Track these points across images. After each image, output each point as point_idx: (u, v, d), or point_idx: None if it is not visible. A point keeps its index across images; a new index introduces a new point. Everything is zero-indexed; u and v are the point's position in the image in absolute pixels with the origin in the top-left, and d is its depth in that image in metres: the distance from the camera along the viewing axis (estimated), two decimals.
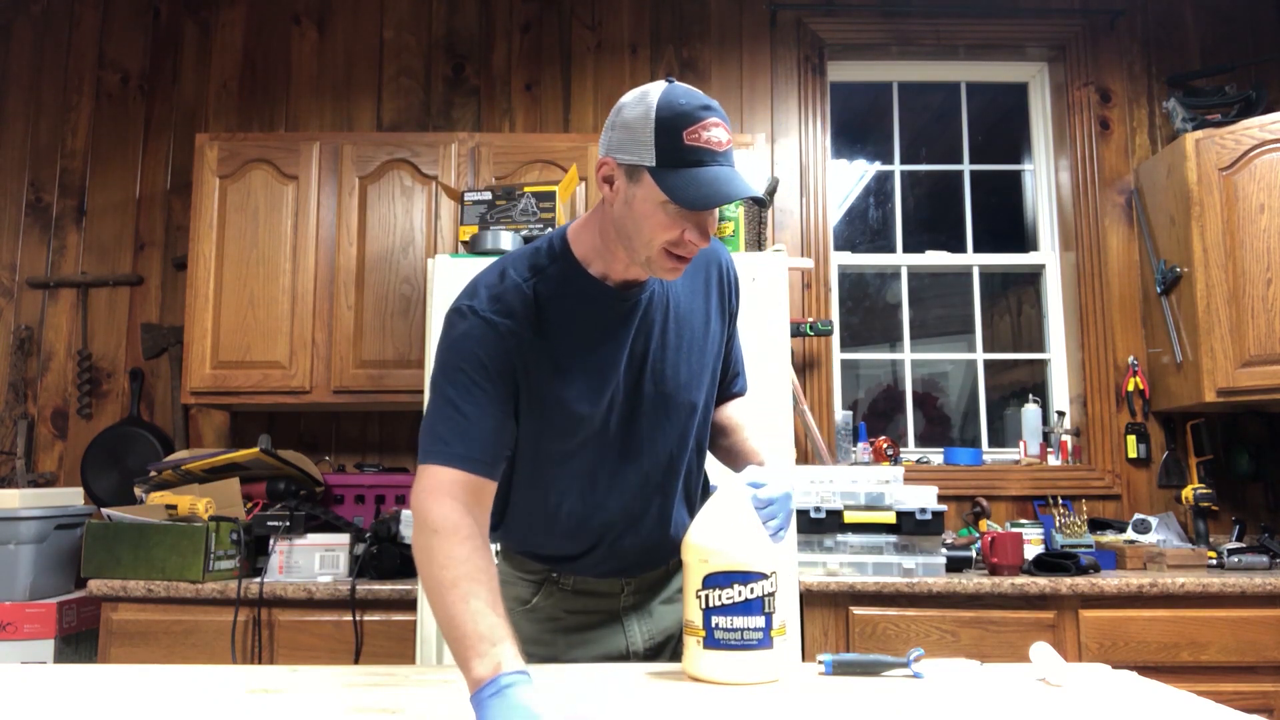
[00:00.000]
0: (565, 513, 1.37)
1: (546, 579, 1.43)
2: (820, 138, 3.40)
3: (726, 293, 1.45)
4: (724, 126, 1.21)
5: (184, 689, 1.21)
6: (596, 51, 3.45)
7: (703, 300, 1.41)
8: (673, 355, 1.36)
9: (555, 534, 1.40)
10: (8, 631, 2.53)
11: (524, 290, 1.28)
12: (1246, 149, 2.89)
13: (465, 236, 2.61)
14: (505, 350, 1.25)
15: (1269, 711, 2.38)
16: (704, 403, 1.42)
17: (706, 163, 1.18)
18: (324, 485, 2.93)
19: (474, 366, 1.24)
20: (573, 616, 1.43)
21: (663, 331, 1.35)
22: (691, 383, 1.38)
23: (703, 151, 1.18)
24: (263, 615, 2.49)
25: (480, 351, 1.24)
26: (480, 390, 1.23)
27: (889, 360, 3.53)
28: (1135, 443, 3.19)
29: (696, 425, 1.42)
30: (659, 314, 1.35)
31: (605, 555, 1.40)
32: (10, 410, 3.27)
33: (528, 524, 1.41)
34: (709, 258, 1.42)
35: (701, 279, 1.41)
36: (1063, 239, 3.44)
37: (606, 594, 1.43)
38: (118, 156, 3.42)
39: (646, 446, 1.36)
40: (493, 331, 1.25)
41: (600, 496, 1.36)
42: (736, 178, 1.20)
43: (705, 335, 1.40)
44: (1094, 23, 3.44)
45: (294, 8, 3.47)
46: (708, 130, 1.19)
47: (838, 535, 2.56)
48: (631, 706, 1.11)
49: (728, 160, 1.20)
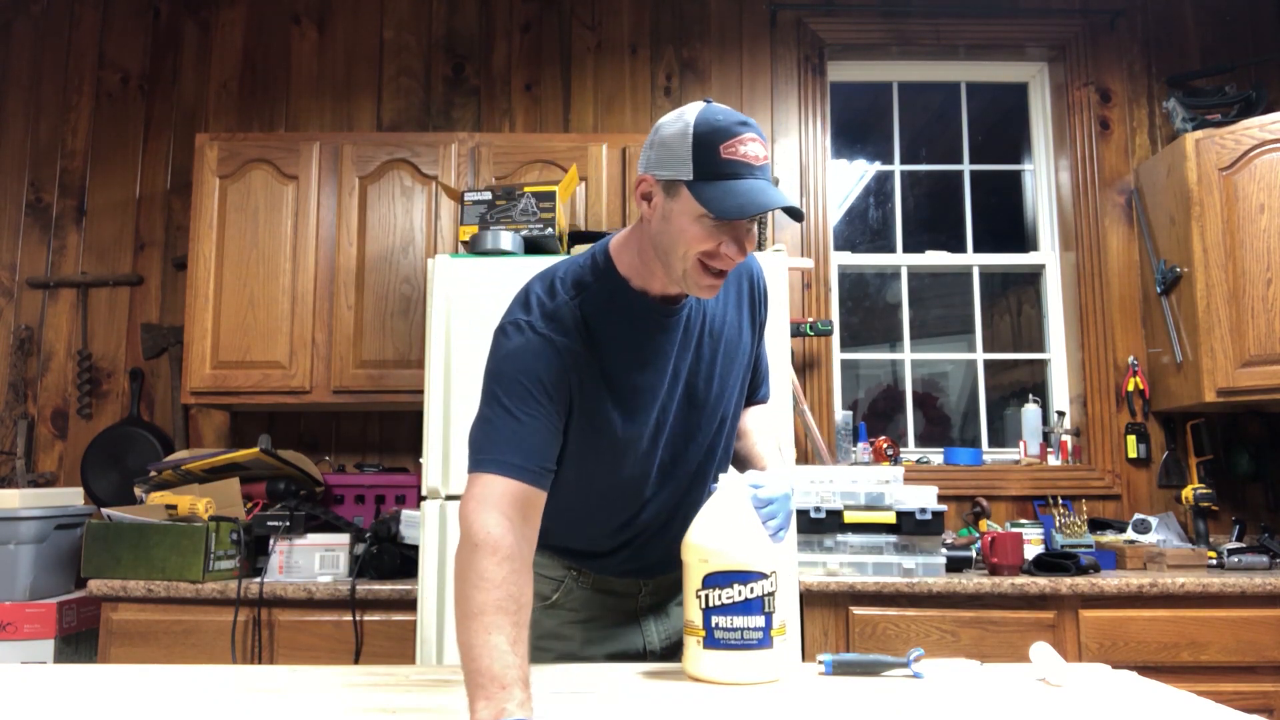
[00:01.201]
0: (599, 518, 1.40)
1: (567, 576, 1.45)
2: (820, 138, 3.40)
3: (757, 303, 1.47)
4: (760, 142, 1.22)
5: (184, 689, 1.21)
6: (596, 51, 3.45)
7: (735, 312, 1.43)
8: (707, 369, 1.38)
9: (586, 535, 1.42)
10: (8, 631, 2.53)
11: (574, 308, 1.29)
12: (1246, 149, 2.89)
13: (465, 236, 2.61)
14: (563, 368, 1.26)
15: (1269, 711, 2.38)
16: (733, 414, 1.44)
17: (743, 175, 1.19)
18: (324, 485, 2.93)
19: (531, 380, 1.24)
20: (591, 614, 1.45)
21: (698, 345, 1.37)
22: (724, 395, 1.41)
23: (739, 165, 1.19)
24: (263, 615, 2.49)
25: (538, 366, 1.25)
26: (536, 403, 1.23)
27: (889, 360, 3.53)
28: (1135, 443, 3.19)
29: (726, 435, 1.44)
30: (697, 328, 1.37)
31: (630, 557, 1.42)
32: (10, 410, 3.27)
33: (562, 523, 1.41)
34: (740, 269, 1.44)
35: (734, 291, 1.43)
36: (1063, 239, 3.45)
37: (625, 594, 1.45)
38: (118, 156, 3.42)
39: (680, 458, 1.39)
40: (550, 348, 1.26)
41: (635, 505, 1.38)
42: (772, 189, 1.21)
43: (738, 347, 1.43)
44: (1094, 23, 3.44)
45: (294, 8, 3.47)
46: (744, 145, 1.20)
47: (838, 535, 2.56)
48: (631, 706, 1.11)
49: (764, 175, 1.21)
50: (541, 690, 1.19)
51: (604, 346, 1.29)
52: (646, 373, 1.32)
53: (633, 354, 1.31)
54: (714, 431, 1.41)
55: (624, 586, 1.45)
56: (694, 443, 1.39)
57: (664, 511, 1.40)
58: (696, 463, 1.40)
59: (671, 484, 1.39)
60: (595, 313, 1.30)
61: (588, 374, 1.28)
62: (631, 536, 1.41)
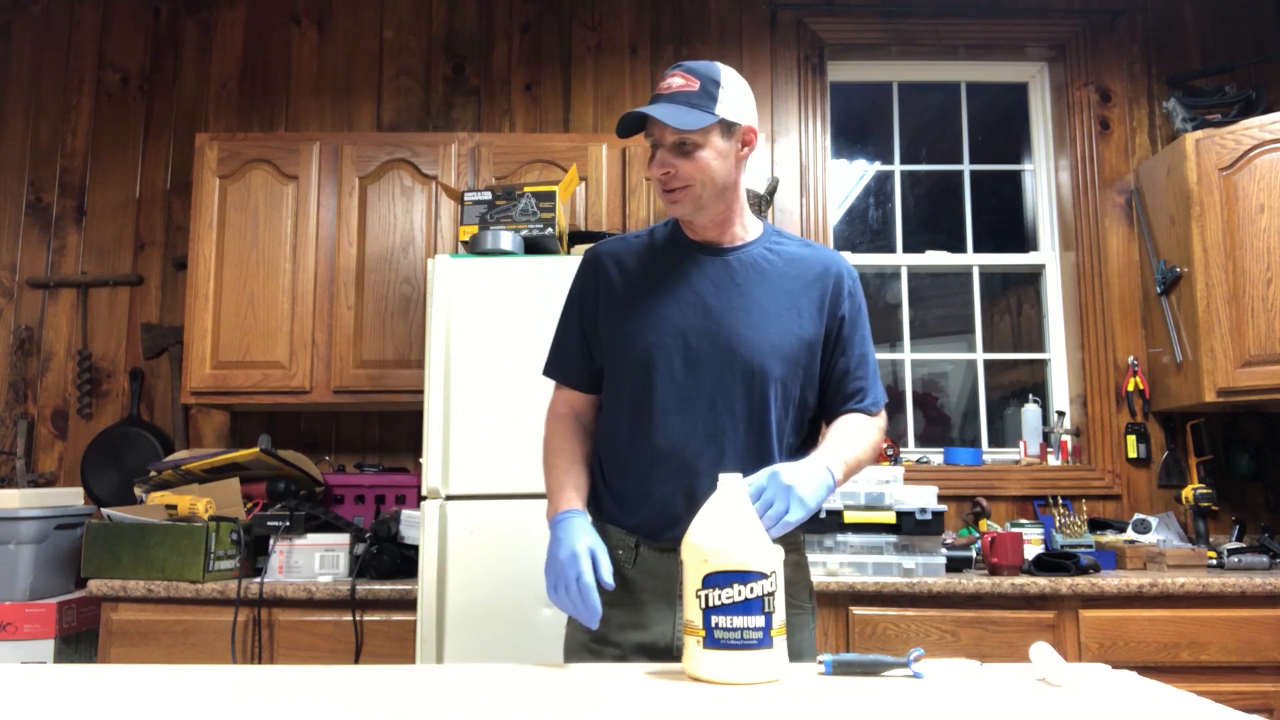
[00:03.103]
0: (636, 446, 1.51)
1: (623, 545, 1.52)
2: (820, 138, 3.40)
3: (829, 294, 1.54)
4: (681, 74, 1.45)
5: (184, 689, 1.21)
6: (596, 52, 3.45)
7: (801, 288, 1.53)
8: (741, 315, 1.49)
9: (644, 490, 1.51)
10: (8, 631, 2.53)
11: (629, 241, 1.61)
12: (1246, 149, 2.89)
13: (465, 236, 2.61)
14: (595, 283, 1.58)
15: (1269, 711, 2.38)
16: (783, 376, 1.49)
17: (651, 102, 1.45)
18: (324, 485, 2.93)
19: (572, 300, 1.62)
20: (630, 596, 1.49)
21: (737, 290, 1.51)
22: (760, 348, 1.48)
23: (653, 96, 1.46)
24: (263, 615, 2.49)
25: (576, 281, 1.63)
26: (572, 320, 1.61)
27: (889, 360, 3.53)
28: (1135, 443, 3.19)
29: (777, 396, 1.49)
30: (741, 277, 1.52)
31: (667, 510, 1.47)
32: (10, 410, 3.28)
33: (621, 481, 1.55)
34: (827, 265, 1.56)
35: (812, 275, 1.54)
36: (1063, 239, 3.45)
37: (665, 577, 1.48)
38: (118, 156, 3.42)
39: (711, 395, 1.48)
40: (585, 267, 1.61)
41: (679, 438, 1.48)
42: (651, 108, 1.42)
43: (788, 319, 1.50)
44: (1094, 23, 3.44)
45: (294, 8, 3.47)
46: (665, 80, 1.46)
47: (838, 535, 2.56)
48: (631, 706, 1.12)
49: (672, 99, 1.43)
50: (542, 690, 1.19)
51: (635, 274, 1.55)
52: (667, 298, 1.51)
53: (657, 282, 1.53)
54: (754, 381, 1.47)
55: (665, 566, 1.47)
56: (726, 384, 1.48)
57: (704, 459, 1.46)
58: (729, 410, 1.47)
59: (702, 416, 1.48)
60: (646, 249, 1.58)
61: (610, 288, 1.56)
62: (674, 483, 1.47)
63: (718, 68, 1.46)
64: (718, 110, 1.43)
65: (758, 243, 1.55)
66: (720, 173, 1.46)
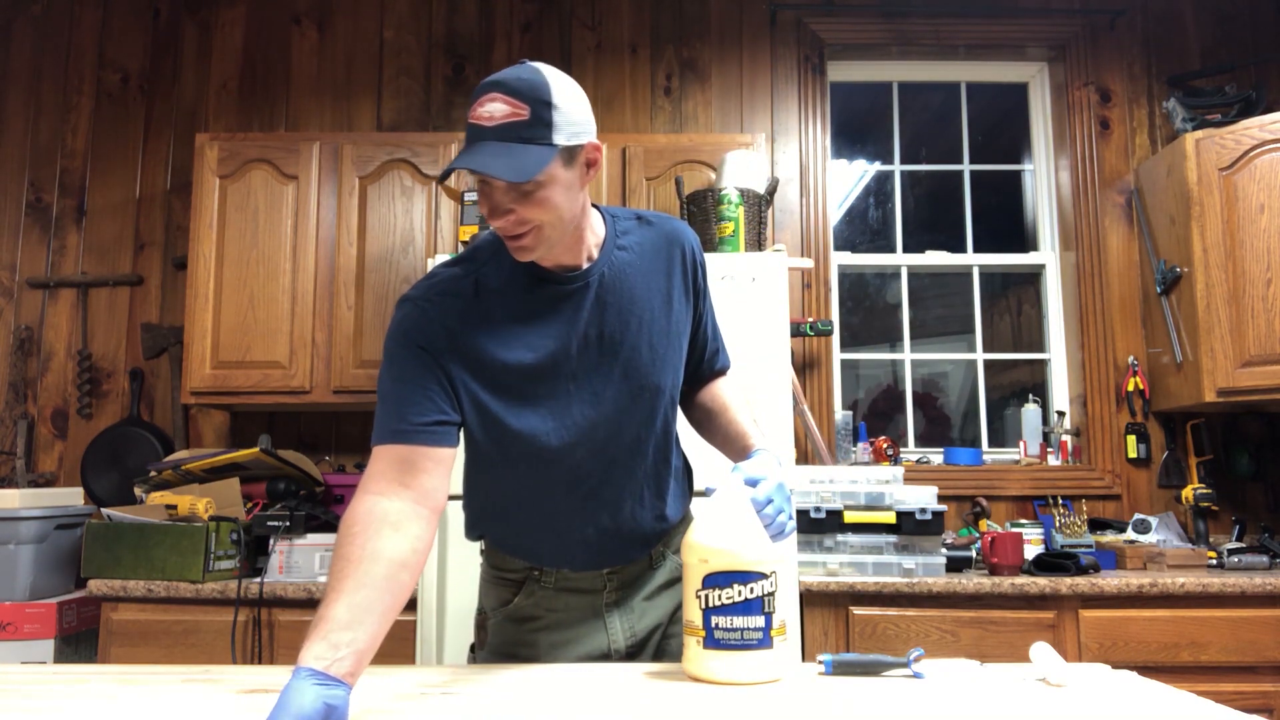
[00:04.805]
0: (544, 503, 1.37)
1: (528, 577, 1.42)
2: (820, 138, 3.40)
3: (689, 271, 1.43)
4: (501, 99, 1.16)
5: (183, 689, 1.21)
6: (596, 51, 3.45)
7: (663, 280, 1.39)
8: (633, 338, 1.34)
9: (536, 526, 1.39)
10: (8, 631, 2.53)
11: (460, 278, 1.30)
12: (1246, 149, 2.89)
13: (465, 236, 2.61)
14: (443, 326, 1.27)
15: (1269, 711, 2.38)
16: (671, 384, 1.40)
17: (472, 139, 1.18)
18: (324, 485, 2.93)
19: (407, 346, 1.27)
20: (554, 615, 1.41)
21: (619, 314, 1.33)
22: (656, 364, 1.36)
23: (471, 128, 1.18)
24: (263, 615, 2.49)
25: (409, 327, 1.27)
26: (413, 364, 1.26)
27: (889, 360, 3.53)
28: (1135, 443, 3.19)
29: (664, 408, 1.40)
30: (612, 297, 1.33)
31: (586, 545, 1.39)
32: (10, 410, 3.27)
33: (511, 521, 1.41)
34: (670, 238, 1.41)
35: (662, 259, 1.40)
36: (1063, 239, 3.45)
37: (589, 590, 1.42)
38: (118, 156, 3.42)
39: (614, 430, 1.35)
40: (417, 311, 1.28)
41: (572, 480, 1.35)
42: (480, 152, 1.15)
43: (668, 316, 1.38)
44: (1094, 23, 3.44)
45: (294, 8, 3.47)
46: (480, 106, 1.18)
47: (838, 535, 2.56)
48: (631, 706, 1.12)
49: (495, 135, 1.16)
50: (541, 690, 1.19)
51: (495, 313, 1.29)
52: (546, 339, 1.29)
53: (528, 321, 1.29)
54: (650, 401, 1.37)
55: (587, 582, 1.41)
56: (628, 414, 1.35)
57: (609, 488, 1.37)
58: (634, 435, 1.37)
59: (607, 457, 1.35)
60: (488, 281, 1.30)
61: (475, 333, 1.27)
62: (581, 518, 1.37)
63: (544, 79, 1.18)
64: (556, 139, 1.17)
65: (608, 246, 1.35)
66: (568, 208, 1.22)
